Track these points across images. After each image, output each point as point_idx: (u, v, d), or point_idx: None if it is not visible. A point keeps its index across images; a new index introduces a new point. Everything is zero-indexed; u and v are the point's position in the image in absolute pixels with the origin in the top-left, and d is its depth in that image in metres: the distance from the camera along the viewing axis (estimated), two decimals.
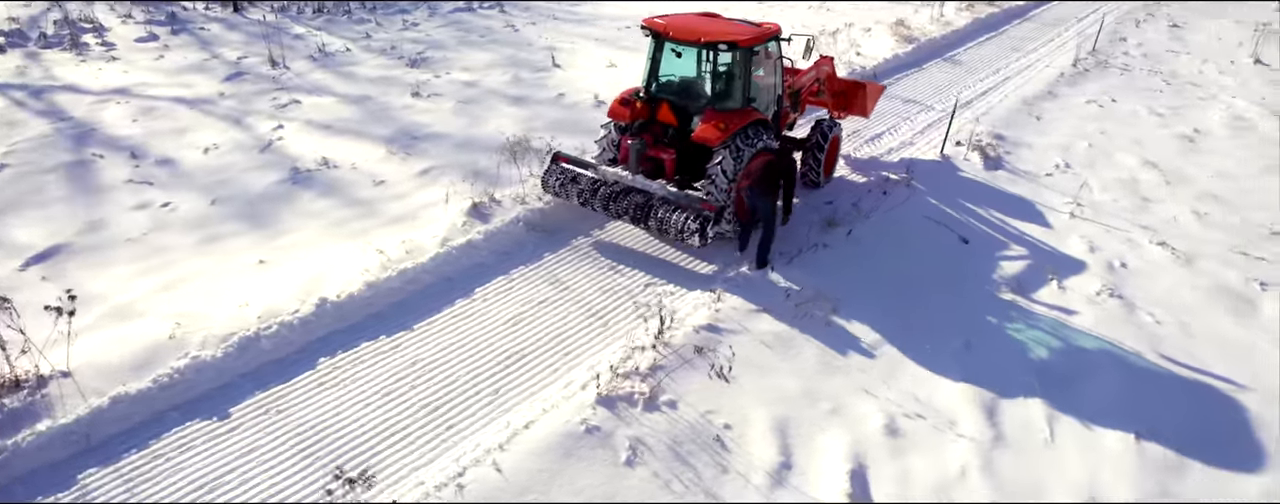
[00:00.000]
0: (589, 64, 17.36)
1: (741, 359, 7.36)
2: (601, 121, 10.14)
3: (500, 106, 14.54)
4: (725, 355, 6.84)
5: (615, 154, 9.87)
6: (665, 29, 9.22)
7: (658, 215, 8.80)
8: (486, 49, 18.37)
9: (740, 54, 9.10)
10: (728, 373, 6.62)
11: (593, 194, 9.29)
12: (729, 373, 6.62)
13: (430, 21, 20.92)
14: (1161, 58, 19.05)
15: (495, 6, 22.68)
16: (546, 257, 9.24)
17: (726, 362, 6.57)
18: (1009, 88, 16.19)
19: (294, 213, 10.31)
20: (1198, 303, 8.86)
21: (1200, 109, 15.53)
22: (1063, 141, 13.42)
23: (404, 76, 16.13)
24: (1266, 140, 13.98)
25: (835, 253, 9.25)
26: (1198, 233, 10.42)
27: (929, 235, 9.97)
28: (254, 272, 8.82)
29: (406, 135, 13.03)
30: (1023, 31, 21.25)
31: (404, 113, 14.11)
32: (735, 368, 7.13)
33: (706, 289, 8.59)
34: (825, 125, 10.62)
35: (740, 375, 7.15)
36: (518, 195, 10.24)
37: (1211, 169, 12.62)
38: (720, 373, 6.51)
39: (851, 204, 10.37)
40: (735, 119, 9.06)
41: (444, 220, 9.60)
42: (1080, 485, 6.31)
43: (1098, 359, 7.85)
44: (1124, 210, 11.00)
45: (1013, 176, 11.89)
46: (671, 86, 9.96)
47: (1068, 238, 10.18)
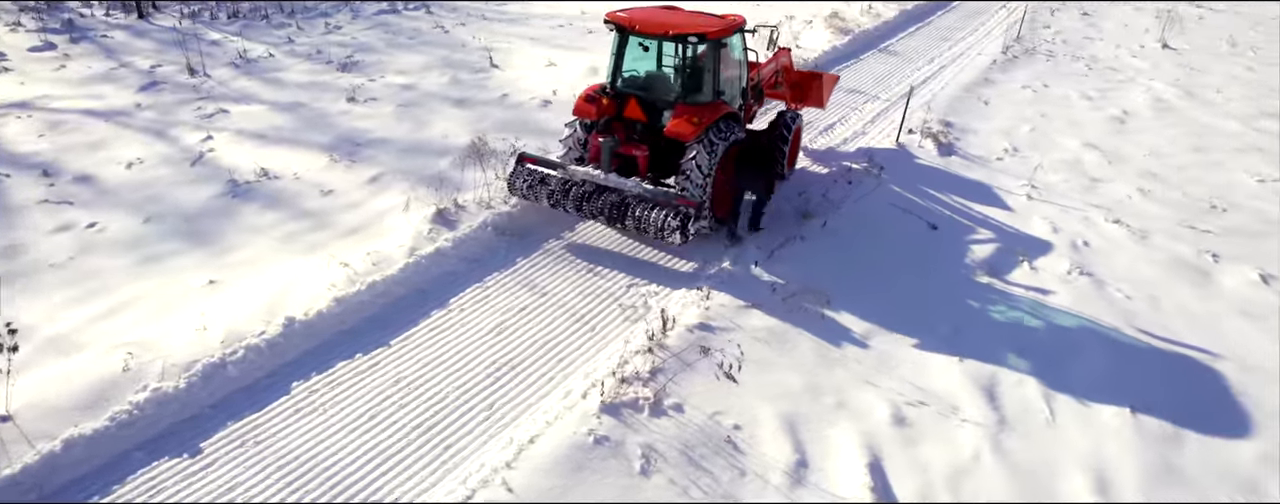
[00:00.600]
0: (528, 64, 16.96)
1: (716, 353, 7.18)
2: (551, 121, 9.82)
3: (443, 109, 14.02)
4: (733, 355, 6.64)
5: (582, 153, 9.56)
6: (630, 22, 8.97)
7: (635, 214, 8.54)
8: (418, 51, 17.75)
9: (710, 46, 8.92)
10: (735, 373, 6.42)
11: (563, 195, 8.96)
12: (737, 372, 6.42)
13: (354, 24, 20.10)
14: (1080, 44, 19.84)
15: (421, 7, 22.00)
16: (519, 262, 8.86)
17: (735, 361, 6.37)
18: (947, 76, 16.55)
19: (239, 228, 9.63)
20: (1159, 277, 9.13)
21: (1123, 91, 16.20)
22: (1005, 126, 13.76)
23: (336, 81, 15.40)
24: (1187, 120, 14.66)
25: (813, 245, 9.17)
26: (1146, 209, 10.79)
27: (899, 223, 10.01)
28: (205, 292, 8.16)
29: (348, 142, 12.40)
30: (947, 22, 21.83)
31: (342, 119, 13.44)
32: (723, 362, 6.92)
33: (691, 287, 8.38)
34: (787, 117, 10.55)
35: (742, 374, 6.96)
36: (482, 199, 9.82)
37: (1145, 148, 13.13)
38: (728, 373, 6.32)
39: (821, 195, 10.33)
40: (707, 113, 8.88)
41: (408, 229, 9.10)
42: (1088, 461, 6.36)
43: (1080, 337, 7.98)
44: (1075, 190, 11.31)
45: (966, 162, 12.09)
46: (637, 81, 9.71)
47: (1029, 219, 10.38)
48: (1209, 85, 16.81)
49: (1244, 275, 9.22)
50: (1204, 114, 14.98)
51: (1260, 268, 9.35)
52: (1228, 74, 17.70)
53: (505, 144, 11.35)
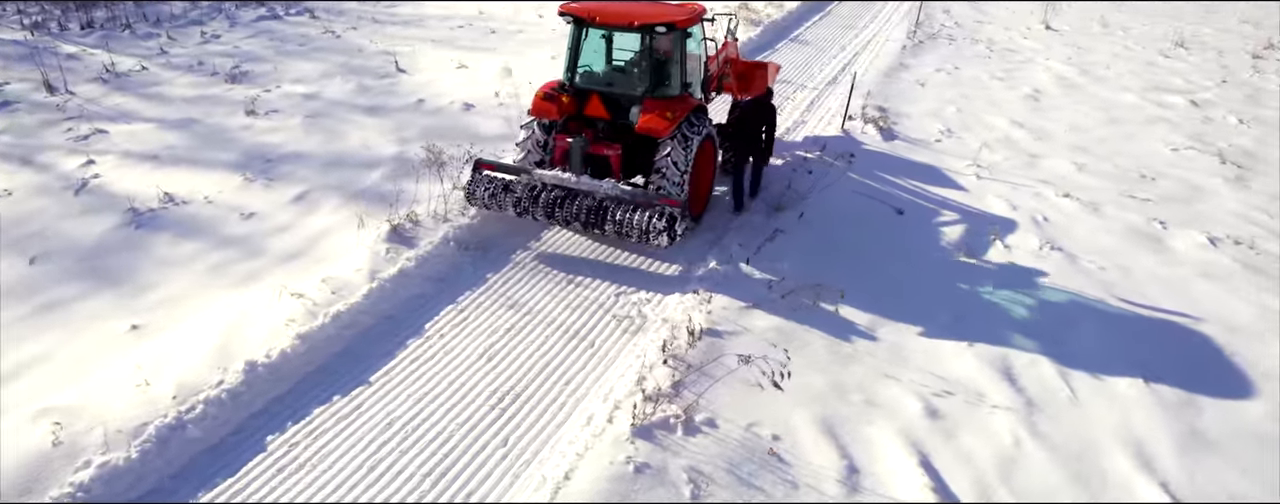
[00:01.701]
0: (436, 67, 16.01)
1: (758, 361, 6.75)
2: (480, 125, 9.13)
3: (356, 118, 12.94)
4: (777, 361, 6.19)
5: (544, 155, 8.89)
6: (589, 14, 8.38)
7: (615, 218, 7.97)
8: (312, 58, 16.45)
9: (677, 36, 8.45)
10: (780, 381, 5.96)
11: (532, 202, 8.28)
12: (783, 380, 5.96)
13: (234, 32, 18.46)
14: (974, 28, 20.61)
15: (303, 12, 20.50)
16: (491, 277, 8.12)
17: (778, 368, 5.93)
18: (863, 62, 16.74)
19: (153, 262, 8.41)
20: (1120, 246, 9.35)
21: (1026, 71, 16.87)
22: (933, 108, 13.98)
23: (227, 94, 14.00)
24: (1090, 96, 15.37)
25: (794, 238, 8.86)
26: (1086, 182, 11.11)
27: (867, 210, 9.87)
28: (130, 341, 7.01)
29: (258, 158, 11.20)
30: (846, 10, 22.25)
31: (244, 134, 12.16)
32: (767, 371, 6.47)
33: (684, 291, 7.89)
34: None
35: (764, 380, 6.52)
36: (435, 212, 8.97)
37: (1064, 124, 13.63)
38: (774, 382, 5.87)
39: (786, 186, 10.05)
40: (678, 107, 8.42)
41: (362, 250, 8.17)
42: (1123, 436, 6.30)
43: (1070, 311, 8.01)
44: (1018, 168, 11.54)
45: (910, 145, 12.15)
46: (597, 76, 9.12)
47: (984, 198, 10.48)
48: (1098, 62, 17.75)
49: (1193, 239, 9.57)
50: (1103, 89, 15.75)
51: (1205, 231, 9.73)
52: (1110, 52, 18.77)
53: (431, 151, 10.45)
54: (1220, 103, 15.14)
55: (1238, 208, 10.52)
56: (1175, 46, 19.43)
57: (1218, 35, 21.21)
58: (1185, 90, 15.84)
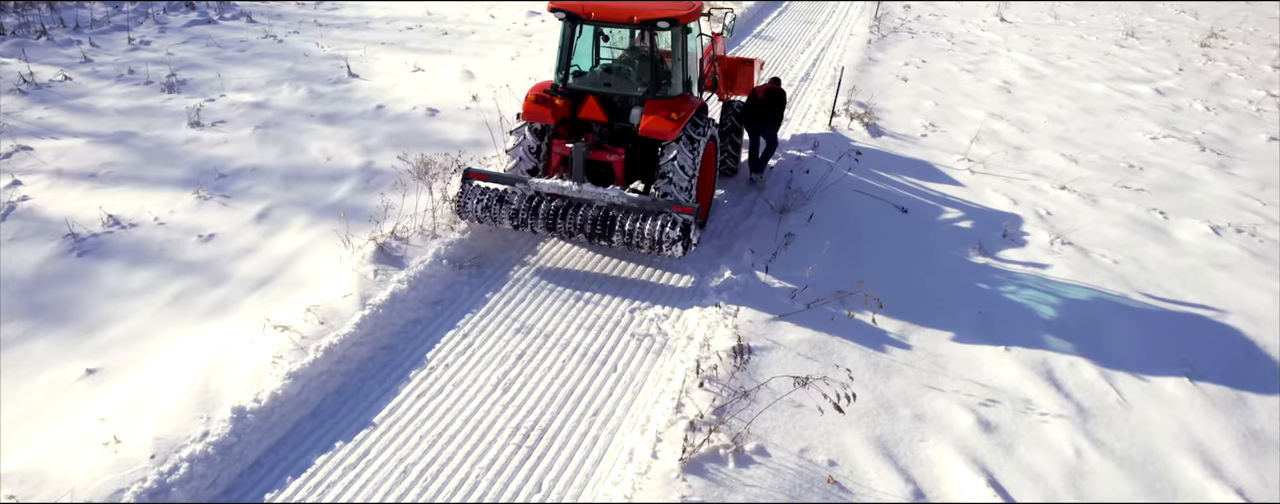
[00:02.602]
0: (391, 71, 15.17)
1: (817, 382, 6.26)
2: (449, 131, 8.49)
3: (312, 127, 12.06)
4: (839, 382, 5.67)
5: (537, 163, 8.25)
6: (584, 10, 7.77)
7: (624, 228, 7.39)
8: (256, 64, 15.40)
9: (679, 32, 7.92)
10: (846, 403, 5.44)
11: (531, 213, 7.63)
12: (847, 403, 5.44)
13: (164, 39, 17.22)
14: (931, 22, 20.62)
15: (240, 16, 19.30)
16: (491, 298, 7.45)
17: (842, 390, 5.43)
18: (831, 57, 16.48)
19: (104, 295, 7.49)
20: (1127, 238, 9.19)
21: (991, 63, 16.86)
22: (910, 103, 13.76)
23: (166, 104, 12.92)
24: (1060, 86, 15.41)
25: (806, 242, 8.41)
26: (1078, 174, 10.98)
27: (870, 209, 9.50)
28: (87, 388, 6.14)
29: (210, 174, 10.26)
30: (802, 6, 22.03)
31: (191, 147, 11.17)
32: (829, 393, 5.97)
33: (702, 304, 7.35)
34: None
35: (806, 400, 6.04)
36: (423, 228, 8.24)
37: (1042, 114, 13.57)
38: (836, 405, 5.36)
39: (787, 186, 9.61)
40: (682, 107, 7.88)
41: (347, 272, 7.40)
42: (1183, 441, 6.02)
43: (1096, 308, 7.76)
44: (1008, 161, 11.36)
45: (898, 141, 11.86)
46: (592, 76, 8.52)
47: (983, 193, 10.23)
48: (1058, 53, 17.89)
49: (1196, 229, 9.47)
50: (1070, 79, 15.81)
51: (1205, 220, 9.66)
52: (1067, 43, 18.96)
53: (409, 161, 9.68)
54: (1183, 91, 15.33)
55: (1229, 195, 10.50)
56: (1126, 36, 19.74)
57: (1161, 25, 21.70)
58: (1147, 79, 16.02)
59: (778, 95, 9.67)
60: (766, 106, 9.69)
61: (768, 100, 9.68)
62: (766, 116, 9.70)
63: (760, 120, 9.71)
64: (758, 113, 9.71)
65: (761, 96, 9.72)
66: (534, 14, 20.35)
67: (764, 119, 9.71)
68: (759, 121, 9.73)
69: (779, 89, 9.76)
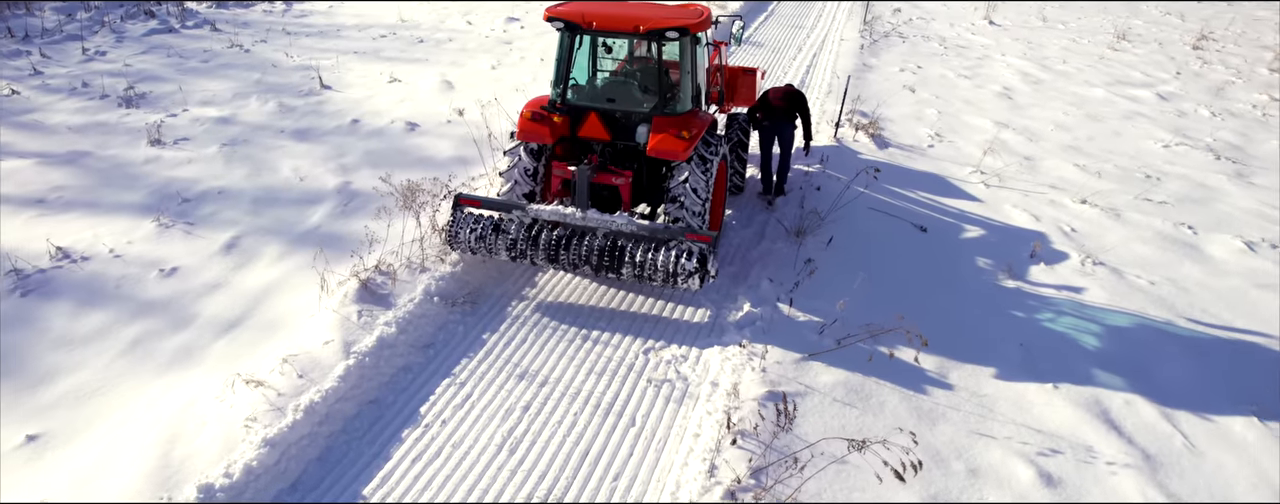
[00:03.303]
0: (366, 82, 14.38)
1: (833, 426, 5.63)
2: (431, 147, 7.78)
3: (283, 144, 11.25)
4: (901, 446, 5.03)
5: (534, 186, 7.55)
6: (584, 19, 7.09)
7: (635, 259, 6.70)
8: (221, 75, 14.52)
9: (690, 42, 7.26)
10: (911, 472, 4.76)
11: (531, 243, 6.92)
12: (912, 473, 4.77)
13: (122, 48, 16.26)
14: (921, 25, 20.19)
15: (203, 23, 18.36)
16: (488, 339, 6.73)
17: (904, 457, 4.78)
18: (825, 63, 15.94)
19: (51, 342, 6.66)
20: (1159, 257, 8.69)
21: (987, 68, 16.42)
22: (911, 111, 13.24)
23: (123, 120, 12.04)
24: (1060, 92, 14.99)
25: (827, 269, 7.77)
26: (1096, 186, 10.49)
27: (889, 230, 8.91)
28: (27, 459, 5.34)
29: (172, 198, 9.43)
30: (787, 10, 21.51)
31: (151, 168, 10.32)
32: (889, 460, 5.34)
33: (722, 342, 6.69)
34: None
35: (856, 458, 5.40)
36: (410, 260, 7.49)
37: (1047, 122, 13.10)
38: (897, 474, 4.70)
39: (799, 206, 8.99)
40: (693, 124, 7.22)
41: (327, 314, 6.64)
42: (1266, 488, 5.46)
43: (1142, 337, 7.22)
44: (1021, 173, 10.84)
45: (906, 154, 11.31)
46: (593, 91, 7.83)
47: (1001, 208, 9.70)
48: (1053, 57, 17.51)
49: (1228, 245, 9.00)
50: (1069, 84, 15.40)
51: (1236, 235, 9.20)
52: (1060, 47, 18.60)
53: (392, 184, 8.92)
54: (1185, 95, 14.98)
55: (1253, 206, 10.06)
56: (1118, 39, 19.44)
57: (1150, 27, 21.46)
58: (1147, 83, 15.67)
59: (797, 97, 9.07)
60: (785, 112, 9.06)
61: (787, 104, 9.06)
62: (785, 123, 9.08)
63: (777, 129, 9.08)
64: (775, 120, 9.07)
65: (777, 102, 9.09)
66: (512, 20, 19.63)
67: (781, 128, 9.08)
68: (775, 131, 9.10)
69: (798, 90, 9.18)
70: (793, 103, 9.04)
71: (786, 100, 9.07)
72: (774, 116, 9.14)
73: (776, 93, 9.26)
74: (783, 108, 9.08)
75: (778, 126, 9.16)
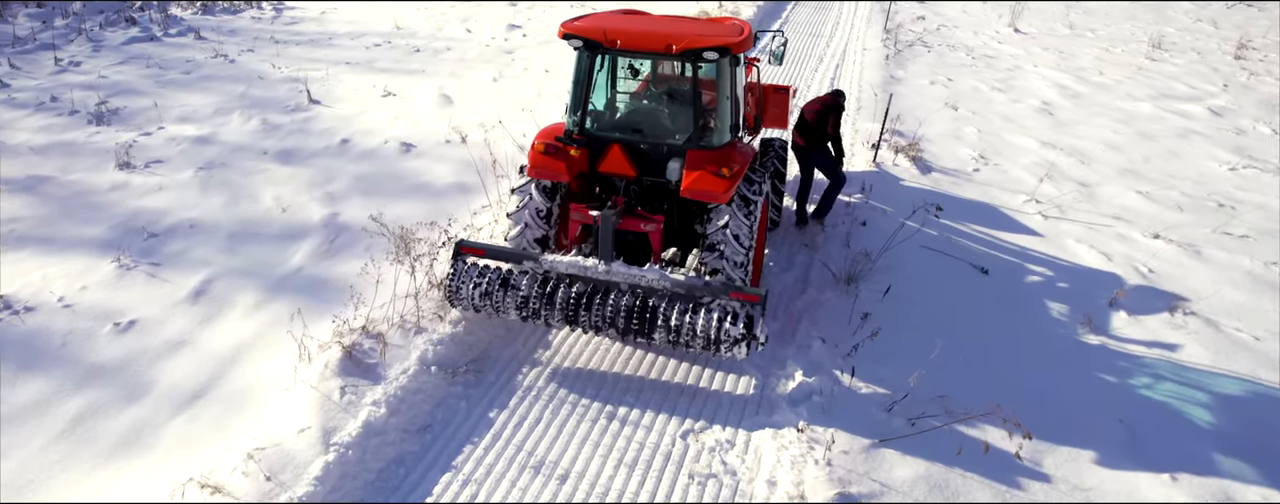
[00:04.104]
0: (358, 96, 13.33)
1: None
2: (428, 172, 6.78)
3: (265, 168, 10.20)
4: None
5: (547, 230, 6.50)
6: (608, 36, 6.04)
7: (670, 322, 5.65)
8: (203, 89, 13.47)
9: (730, 64, 6.22)
10: None
11: (545, 302, 5.87)
12: None
13: (98, 58, 15.20)
14: (942, 33, 19.18)
15: (187, 31, 17.29)
16: (496, 417, 5.67)
17: None
18: (851, 75, 14.91)
19: None
20: (1256, 304, 7.67)
21: (1021, 80, 15.42)
22: (949, 129, 12.22)
23: (91, 140, 10.98)
24: (1103, 106, 13.99)
25: (888, 325, 6.70)
26: (1165, 217, 9.48)
27: (945, 271, 7.88)
28: None
29: (137, 233, 8.37)
30: (802, 16, 20.52)
31: (117, 197, 9.27)
32: None
33: (773, 424, 5.64)
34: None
35: None
36: (403, 319, 6.42)
37: (1096, 141, 12.10)
38: None
39: (844, 243, 7.96)
40: (733, 159, 6.17)
41: (303, 390, 5.58)
42: None
43: (1260, 408, 6.20)
44: (1080, 201, 9.82)
45: (952, 179, 10.27)
46: (614, 119, 6.79)
47: (1064, 243, 8.68)
48: (1087, 68, 16.51)
49: None
50: (1111, 98, 14.41)
51: None
52: (1093, 56, 17.61)
53: (383, 224, 7.85)
54: (1238, 110, 13.98)
55: None
56: (1153, 48, 18.44)
57: (1183, 35, 20.48)
58: (1194, 96, 14.67)
59: (832, 106, 8.18)
60: (817, 128, 8.11)
61: (817, 122, 8.11)
62: (818, 142, 8.13)
63: (816, 154, 8.12)
64: (814, 142, 8.15)
65: (811, 117, 8.13)
66: (514, 27, 18.61)
67: (821, 154, 8.11)
68: (814, 156, 8.14)
69: (838, 98, 8.31)
70: (825, 117, 8.14)
71: (821, 113, 8.08)
72: (811, 137, 8.15)
73: (812, 108, 8.26)
74: (818, 125, 8.10)
75: (817, 152, 8.17)
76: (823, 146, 8.21)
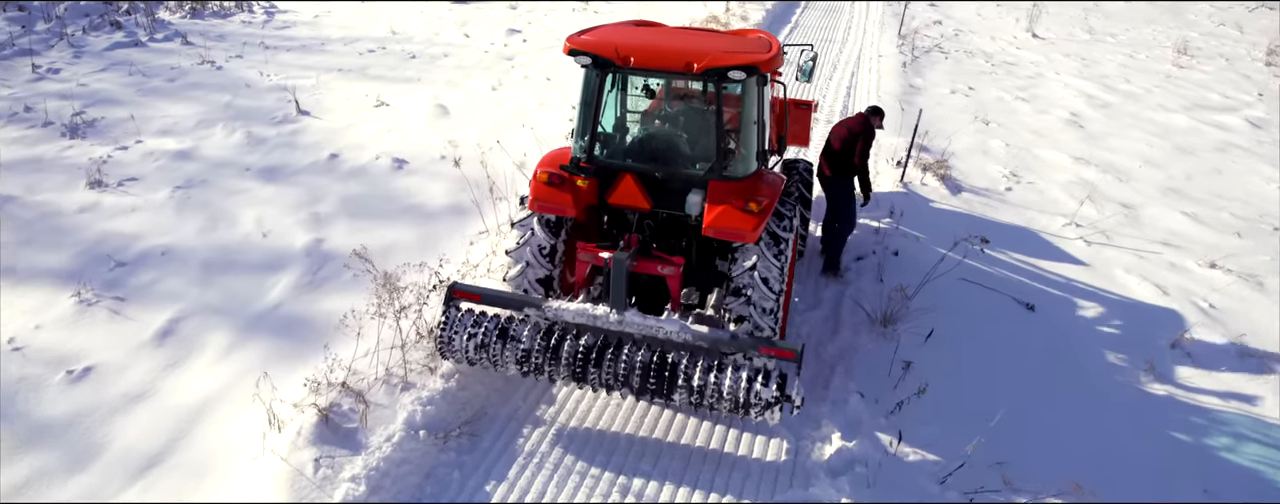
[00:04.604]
0: (349, 106, 12.63)
1: None
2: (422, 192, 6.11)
3: (247, 187, 9.50)
4: None
5: (551, 270, 5.78)
6: (621, 52, 5.32)
7: (692, 382, 4.94)
8: (187, 98, 12.76)
9: (757, 84, 5.51)
10: None
11: (549, 356, 5.15)
12: None
13: (79, 64, 14.48)
14: (958, 38, 18.48)
15: (174, 36, 16.57)
16: (493, 491, 4.96)
17: None
18: (867, 84, 14.20)
19: None
20: None
21: (1044, 89, 14.73)
22: (975, 144, 11.52)
23: (64, 155, 10.27)
24: (1135, 118, 13.29)
25: (934, 378, 5.97)
26: (1218, 242, 8.79)
27: (988, 308, 7.17)
28: None
29: (103, 261, 7.67)
30: (811, 20, 19.82)
31: (85, 219, 8.57)
32: None
33: (811, 499, 4.92)
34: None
35: None
36: (390, 373, 5.70)
37: (1131, 156, 11.40)
38: None
39: (876, 277, 7.25)
40: (761, 191, 5.46)
41: (271, 462, 4.86)
42: None
43: None
44: (1123, 225, 9.12)
45: (984, 200, 9.57)
46: (626, 144, 6.08)
47: (1113, 274, 7.97)
48: (1113, 76, 15.81)
49: None
50: (1141, 108, 13.71)
51: None
52: (1118, 63, 16.92)
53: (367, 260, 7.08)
54: (1277, 121, 13.26)
55: None
56: (1179, 54, 17.73)
57: (1208, 40, 19.77)
58: (1229, 106, 13.97)
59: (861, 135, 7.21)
60: (844, 156, 7.22)
61: (844, 149, 7.24)
62: (845, 173, 7.24)
63: (839, 179, 7.30)
64: (841, 171, 7.29)
65: (838, 145, 7.30)
66: (514, 32, 17.90)
67: (842, 178, 7.27)
68: (837, 183, 7.32)
69: (871, 116, 7.38)
70: (854, 140, 7.20)
71: (848, 140, 7.23)
72: (838, 168, 7.31)
73: (839, 134, 7.41)
74: (845, 153, 7.26)
75: (842, 184, 7.31)
76: (849, 179, 7.31)
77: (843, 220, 7.31)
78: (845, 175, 7.24)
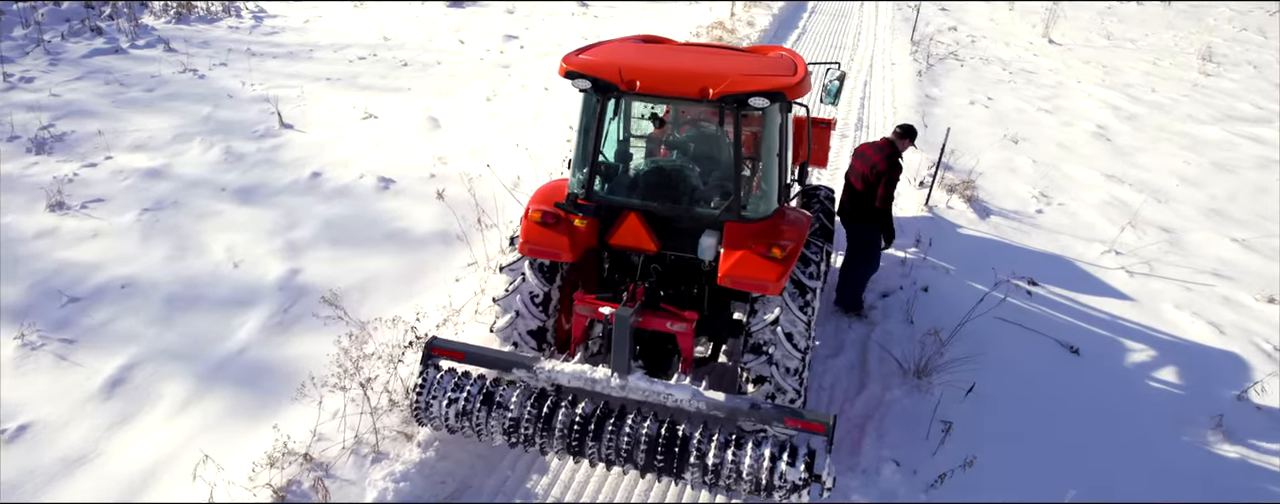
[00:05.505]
0: (335, 118, 11.96)
1: None
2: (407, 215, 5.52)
3: (221, 209, 8.82)
4: None
5: (543, 321, 5.08)
6: (626, 78, 4.62)
7: (706, 459, 4.24)
8: (164, 109, 12.09)
9: (781, 112, 4.81)
10: None
11: (541, 426, 4.46)
12: None
13: (55, 72, 13.81)
14: (972, 45, 17.80)
15: (157, 44, 15.88)
16: None
17: None
18: (882, 93, 13.51)
19: None
20: None
21: (1067, 99, 14.04)
22: (1001, 160, 10.83)
23: (27, 173, 9.60)
24: (1164, 130, 12.61)
25: (978, 443, 5.28)
26: (1274, 273, 8.07)
27: (1029, 353, 6.47)
28: None
29: (54, 297, 6.98)
30: (819, 26, 19.15)
31: (42, 247, 7.89)
32: None
33: None
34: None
35: None
36: (360, 440, 4.99)
37: (1166, 173, 10.71)
38: None
39: (905, 319, 6.55)
40: (786, 234, 4.76)
41: None
42: None
43: None
44: (1167, 253, 8.42)
45: (1014, 224, 8.87)
46: (630, 179, 5.37)
47: (1161, 311, 7.28)
48: (1137, 85, 15.12)
49: None
50: (1171, 120, 13.02)
51: None
52: (1140, 71, 16.24)
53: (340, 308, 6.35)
54: None
55: None
56: (1204, 62, 17.03)
57: (1232, 47, 19.08)
58: (1262, 118, 13.28)
59: (886, 173, 6.27)
60: (866, 196, 6.39)
61: (867, 190, 6.38)
62: (867, 216, 6.44)
63: (861, 219, 6.57)
64: (858, 208, 6.50)
65: (861, 188, 6.45)
66: (510, 38, 17.23)
67: (864, 220, 6.49)
68: (858, 222, 6.59)
69: (892, 160, 6.34)
70: (877, 179, 6.30)
71: (870, 179, 6.34)
72: (860, 208, 6.47)
73: (860, 170, 6.45)
74: (867, 193, 6.37)
75: (863, 227, 6.50)
76: (872, 221, 6.44)
77: (865, 262, 6.56)
78: (868, 219, 6.46)
